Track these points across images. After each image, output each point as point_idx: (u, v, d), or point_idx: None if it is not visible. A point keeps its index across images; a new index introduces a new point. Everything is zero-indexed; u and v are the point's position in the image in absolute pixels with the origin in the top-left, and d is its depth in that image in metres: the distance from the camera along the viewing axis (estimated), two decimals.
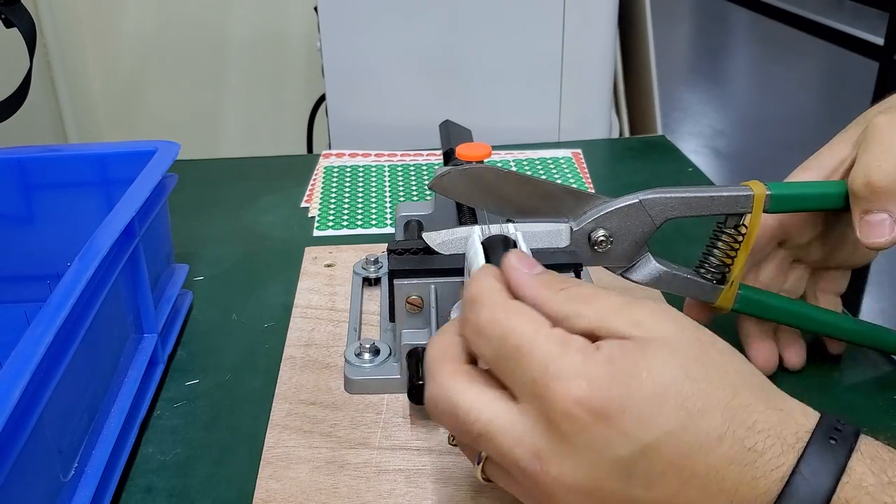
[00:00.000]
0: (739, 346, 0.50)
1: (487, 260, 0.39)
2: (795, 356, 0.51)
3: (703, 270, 0.48)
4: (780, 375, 0.51)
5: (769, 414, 0.31)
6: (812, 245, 0.50)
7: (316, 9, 0.93)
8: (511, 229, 0.44)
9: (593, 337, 0.33)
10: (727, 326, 0.50)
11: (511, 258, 0.36)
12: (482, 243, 0.41)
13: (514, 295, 0.35)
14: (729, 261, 0.47)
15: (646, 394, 0.31)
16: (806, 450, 0.30)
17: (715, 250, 0.47)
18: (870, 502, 0.29)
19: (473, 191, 0.46)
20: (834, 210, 0.47)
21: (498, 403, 0.33)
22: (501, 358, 0.33)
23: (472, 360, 0.35)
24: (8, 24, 0.57)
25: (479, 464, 0.35)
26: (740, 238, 0.46)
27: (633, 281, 0.47)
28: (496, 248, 0.41)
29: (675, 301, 0.56)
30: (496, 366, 0.33)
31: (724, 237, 0.47)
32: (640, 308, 0.34)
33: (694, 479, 0.30)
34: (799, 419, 0.31)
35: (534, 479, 0.32)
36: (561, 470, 0.31)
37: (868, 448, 0.31)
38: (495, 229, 0.43)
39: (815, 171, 0.48)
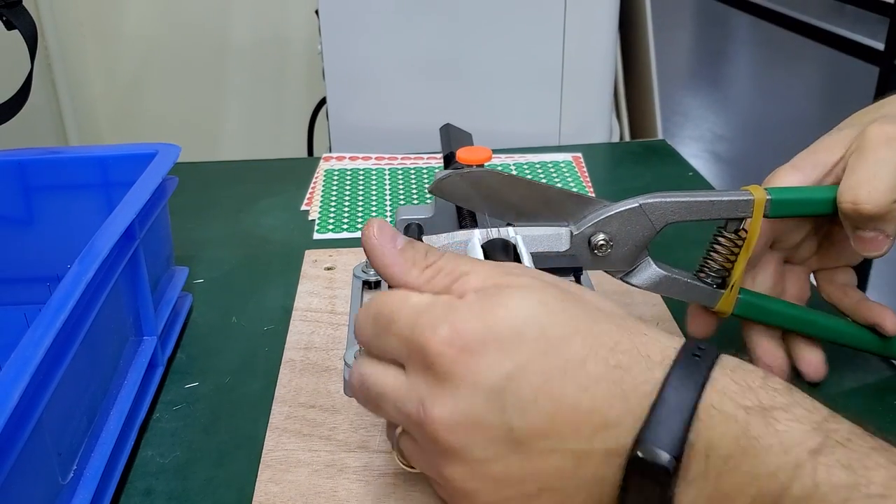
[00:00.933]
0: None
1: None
2: (813, 367, 0.50)
3: (703, 275, 0.48)
4: None
5: (632, 337, 0.34)
6: (803, 245, 0.50)
7: (317, 12, 0.93)
8: (511, 233, 0.44)
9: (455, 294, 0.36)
10: (731, 331, 0.50)
11: (370, 227, 0.39)
12: (482, 247, 0.41)
13: (383, 276, 0.38)
14: (729, 265, 0.47)
15: (505, 325, 0.33)
16: (673, 366, 0.32)
17: (715, 255, 0.47)
18: (732, 406, 0.31)
19: (473, 194, 0.46)
20: (833, 215, 0.47)
21: (393, 370, 0.36)
22: (378, 335, 0.36)
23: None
24: (9, 26, 0.57)
25: (395, 448, 0.38)
26: (740, 242, 0.46)
27: (634, 285, 0.47)
28: (496, 253, 0.41)
29: (675, 305, 0.56)
30: (377, 345, 0.37)
31: (724, 242, 0.47)
32: (501, 267, 0.36)
33: (565, 400, 0.32)
34: (664, 341, 0.34)
35: (422, 427, 0.34)
36: (442, 411, 0.33)
37: (729, 362, 0.33)
38: (495, 233, 0.43)
39: (808, 171, 0.47)
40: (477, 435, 0.33)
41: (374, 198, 0.79)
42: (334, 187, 0.82)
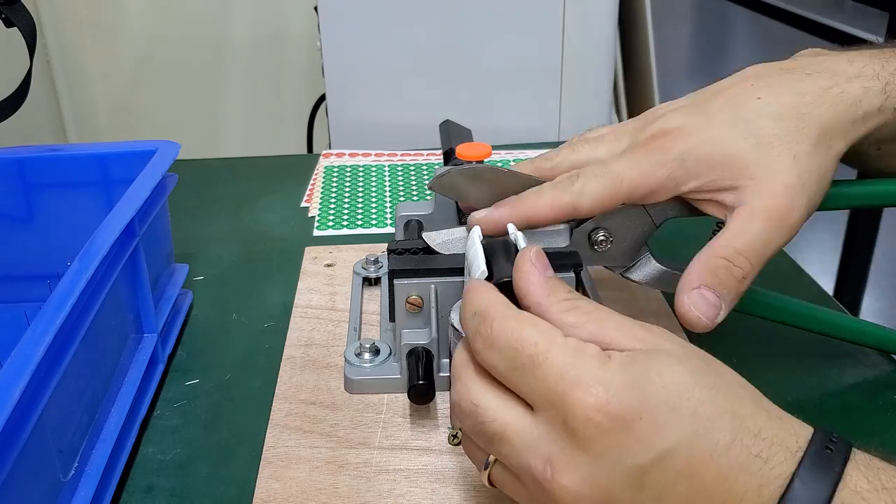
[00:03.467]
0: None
1: (487, 260, 0.39)
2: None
3: None
4: (781, 376, 0.51)
5: (772, 423, 0.32)
6: None
7: (316, 8, 0.93)
8: (511, 229, 0.44)
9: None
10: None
11: (530, 252, 0.37)
12: (482, 243, 0.41)
13: (520, 293, 0.36)
14: None
15: (660, 399, 0.31)
16: (804, 457, 0.30)
17: None
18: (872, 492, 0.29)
19: (473, 190, 0.46)
20: (829, 210, 0.46)
21: (516, 409, 0.33)
22: (516, 369, 0.33)
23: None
24: (8, 24, 0.57)
25: (486, 469, 0.35)
26: None
27: (633, 280, 0.47)
28: (496, 249, 0.41)
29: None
30: (510, 377, 0.33)
31: None
32: (638, 324, 0.34)
33: (704, 489, 0.31)
34: (797, 429, 0.32)
35: (543, 486, 0.32)
36: (572, 478, 0.31)
37: (861, 457, 0.31)
38: None
39: None
40: None
41: (373, 194, 0.79)
42: (334, 184, 0.82)
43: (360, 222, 0.74)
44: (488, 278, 0.38)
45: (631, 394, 0.31)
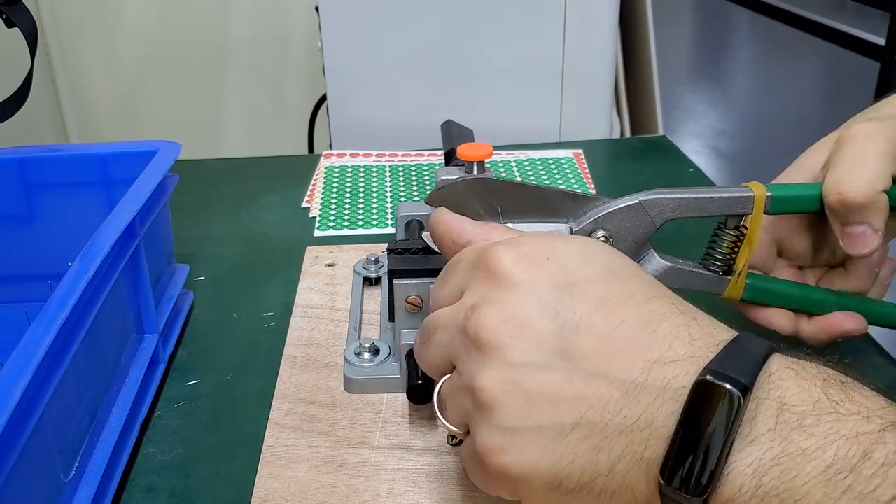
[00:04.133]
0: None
1: None
2: (855, 321, 0.47)
3: (707, 263, 0.48)
4: None
5: (699, 310, 0.33)
6: (813, 248, 0.50)
7: (317, 9, 0.93)
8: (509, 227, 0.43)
9: None
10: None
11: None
12: None
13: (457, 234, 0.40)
14: (732, 257, 0.47)
15: (570, 251, 0.34)
16: (737, 337, 0.31)
17: (717, 248, 0.47)
18: (808, 373, 0.30)
19: (471, 202, 0.46)
20: None
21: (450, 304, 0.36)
22: (449, 269, 0.38)
23: None
24: (9, 24, 0.57)
25: (437, 396, 0.37)
26: (741, 239, 0.46)
27: None
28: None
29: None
30: (449, 286, 0.37)
31: (725, 237, 0.47)
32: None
33: (623, 328, 0.31)
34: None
35: (465, 331, 0.33)
36: (490, 308, 0.33)
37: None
38: None
39: (796, 179, 0.47)
40: (521, 336, 0.32)
41: (374, 194, 0.79)
42: (335, 184, 0.82)
43: (360, 223, 0.74)
44: None
45: (541, 244, 0.34)
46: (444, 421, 0.36)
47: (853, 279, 0.49)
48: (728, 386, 0.28)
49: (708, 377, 0.29)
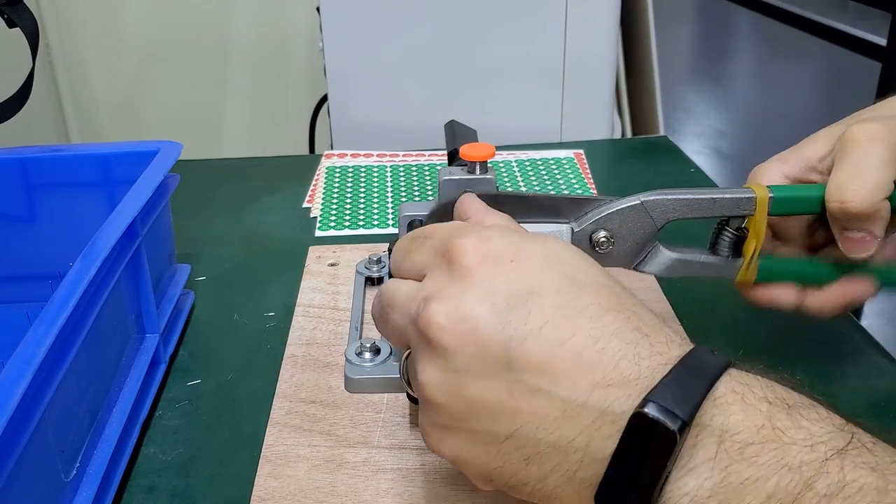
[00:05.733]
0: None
1: None
2: (862, 287, 0.46)
3: (715, 249, 0.47)
4: (782, 376, 0.51)
5: (657, 321, 0.32)
6: (808, 235, 0.50)
7: (318, 9, 0.93)
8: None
9: None
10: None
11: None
12: None
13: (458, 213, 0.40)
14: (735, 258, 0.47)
15: (536, 253, 0.33)
16: (693, 350, 0.30)
17: (718, 250, 0.47)
18: (753, 397, 0.29)
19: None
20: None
21: (409, 282, 0.36)
22: (412, 250, 0.37)
23: None
24: (10, 24, 0.57)
25: (404, 378, 0.36)
26: (741, 240, 0.46)
27: (647, 273, 0.47)
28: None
29: (678, 307, 0.56)
30: (408, 260, 0.37)
31: (725, 239, 0.47)
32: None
33: (572, 342, 0.30)
34: (684, 337, 0.32)
35: (417, 324, 0.33)
36: (440, 306, 0.32)
37: (736, 371, 0.31)
38: None
39: (793, 164, 0.47)
40: (467, 342, 0.31)
41: (375, 195, 0.79)
42: (336, 184, 0.82)
43: (361, 223, 0.74)
44: None
45: (506, 242, 0.33)
46: (406, 387, 0.37)
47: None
48: (665, 421, 0.28)
49: (646, 409, 0.28)
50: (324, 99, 1.30)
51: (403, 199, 0.78)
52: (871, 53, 1.74)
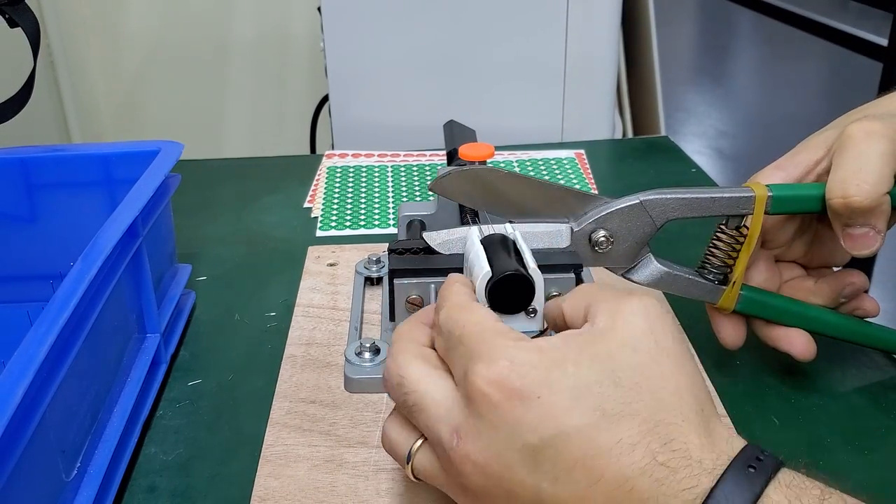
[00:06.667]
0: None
1: (488, 258, 0.40)
2: (801, 346, 0.48)
3: (704, 271, 0.48)
4: (782, 378, 0.51)
5: (691, 436, 0.31)
6: (793, 244, 0.50)
7: (319, 9, 0.93)
8: (510, 229, 0.44)
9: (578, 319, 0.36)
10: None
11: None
12: (481, 242, 0.42)
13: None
14: (730, 262, 0.47)
15: (564, 385, 0.31)
16: (723, 475, 0.30)
17: (716, 251, 0.47)
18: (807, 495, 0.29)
19: (474, 192, 0.46)
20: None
21: (438, 381, 0.35)
22: (449, 348, 0.35)
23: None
24: (12, 24, 0.57)
25: (408, 462, 0.36)
26: (742, 239, 0.46)
27: (635, 282, 0.48)
28: (495, 247, 0.41)
29: (677, 308, 0.56)
30: (446, 356, 0.36)
31: (725, 238, 0.47)
32: (626, 299, 0.35)
33: (601, 483, 0.30)
34: (722, 446, 0.31)
35: (449, 456, 0.33)
36: (473, 447, 0.32)
37: (786, 477, 0.30)
38: (495, 229, 0.44)
39: (790, 170, 0.47)
40: (502, 483, 0.32)
41: (376, 195, 0.79)
42: (337, 184, 0.82)
43: (362, 223, 0.74)
44: (491, 277, 0.38)
45: (534, 373, 0.32)
46: (406, 468, 0.37)
47: (819, 294, 0.50)
48: None
49: None
50: (325, 99, 1.30)
51: (404, 199, 0.78)
52: (872, 53, 1.74)
